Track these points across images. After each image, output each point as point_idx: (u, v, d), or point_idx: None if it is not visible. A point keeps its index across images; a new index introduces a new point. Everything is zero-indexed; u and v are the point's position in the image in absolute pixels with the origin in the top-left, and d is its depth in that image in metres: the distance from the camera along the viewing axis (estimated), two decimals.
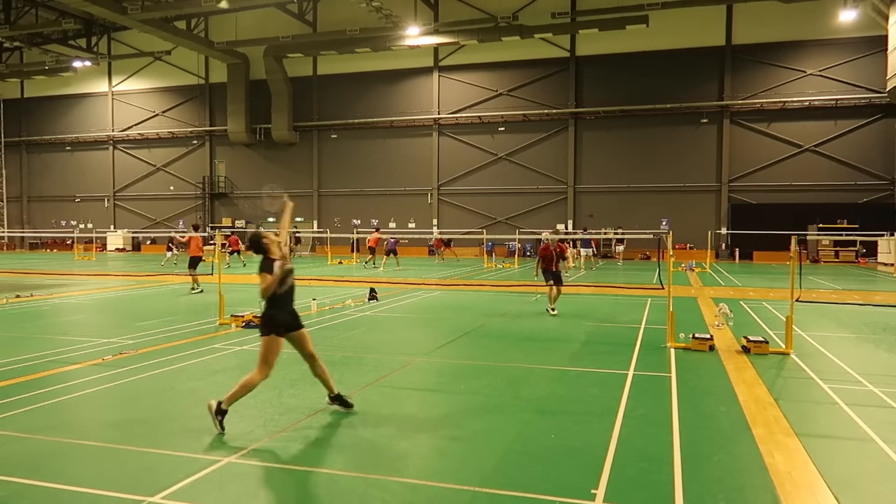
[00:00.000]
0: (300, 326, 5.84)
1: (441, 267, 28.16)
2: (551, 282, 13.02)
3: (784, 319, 9.38)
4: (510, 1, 35.64)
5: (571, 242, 26.73)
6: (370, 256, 28.19)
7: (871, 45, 32.17)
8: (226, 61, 41.39)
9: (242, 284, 19.15)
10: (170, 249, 29.35)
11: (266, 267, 5.54)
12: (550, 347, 9.62)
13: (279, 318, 5.65)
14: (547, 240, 13.59)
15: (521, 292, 17.19)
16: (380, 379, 7.51)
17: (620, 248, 34.13)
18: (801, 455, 5.04)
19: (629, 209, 36.22)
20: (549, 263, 13.07)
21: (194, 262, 17.21)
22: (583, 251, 27.45)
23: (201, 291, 16.68)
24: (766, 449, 5.16)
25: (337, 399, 6.10)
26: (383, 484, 4.45)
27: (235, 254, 28.74)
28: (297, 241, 40.15)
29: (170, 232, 44.17)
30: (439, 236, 34.41)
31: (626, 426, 5.73)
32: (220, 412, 5.49)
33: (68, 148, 47.94)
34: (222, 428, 5.45)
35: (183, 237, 22.90)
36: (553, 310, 12.89)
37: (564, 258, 13.50)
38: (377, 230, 30.19)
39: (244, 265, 26.83)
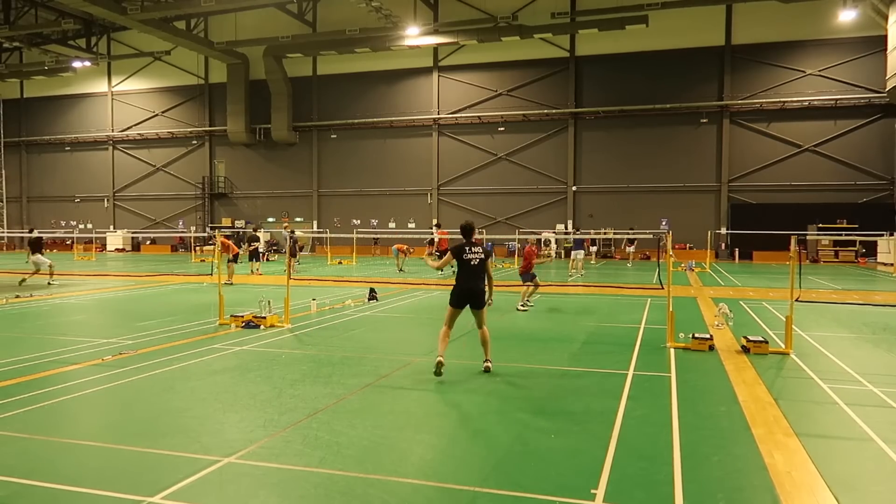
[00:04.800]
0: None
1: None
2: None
3: (784, 319, 9.39)
4: (510, 1, 35.64)
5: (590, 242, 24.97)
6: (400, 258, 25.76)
7: (871, 45, 32.18)
8: (225, 61, 41.40)
9: (263, 285, 19.16)
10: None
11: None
12: (550, 347, 9.62)
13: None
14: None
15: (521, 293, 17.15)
16: (380, 379, 7.50)
17: (631, 248, 31.38)
18: (800, 455, 5.04)
19: (629, 209, 36.22)
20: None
21: (251, 257, 23.51)
22: (574, 253, 23.15)
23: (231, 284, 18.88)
24: (765, 449, 5.16)
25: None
26: (383, 484, 4.45)
27: (233, 260, 20.44)
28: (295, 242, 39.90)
29: (170, 233, 44.38)
30: (477, 236, 32.63)
31: (626, 426, 5.73)
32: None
33: (68, 148, 47.94)
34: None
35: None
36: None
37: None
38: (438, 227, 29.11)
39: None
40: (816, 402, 6.65)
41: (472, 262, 7.67)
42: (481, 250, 7.77)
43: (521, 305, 13.88)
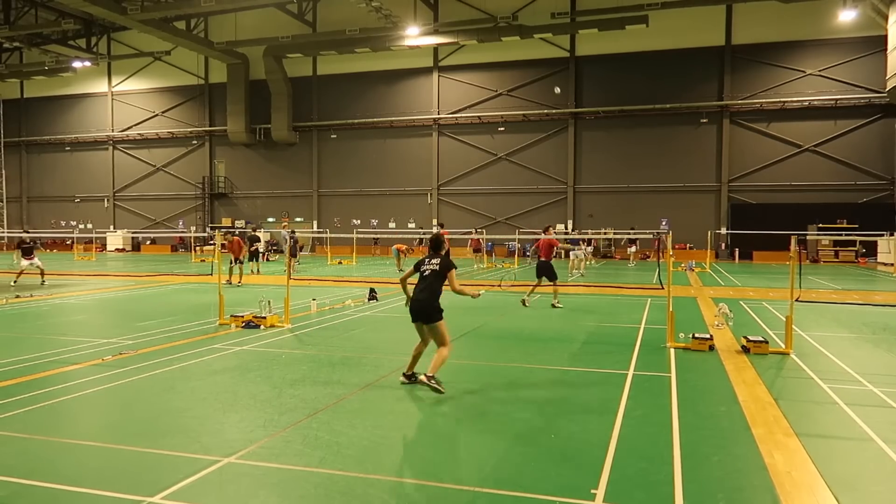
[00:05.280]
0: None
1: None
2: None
3: (784, 319, 9.39)
4: (510, 1, 35.65)
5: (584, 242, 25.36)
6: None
7: (871, 45, 32.18)
8: (225, 61, 41.40)
9: (271, 286, 19.15)
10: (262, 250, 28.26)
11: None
12: (550, 347, 9.62)
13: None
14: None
15: (521, 292, 17.15)
16: (380, 379, 7.51)
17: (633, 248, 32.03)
18: (800, 455, 5.04)
19: (629, 209, 36.23)
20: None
21: (251, 257, 23.89)
22: (574, 254, 24.07)
23: (229, 284, 18.55)
24: (765, 449, 5.16)
25: (410, 378, 7.18)
26: (383, 484, 4.45)
27: (237, 262, 19.73)
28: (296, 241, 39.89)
29: (170, 233, 44.38)
30: (477, 235, 29.00)
31: (626, 426, 5.73)
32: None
33: (68, 148, 47.95)
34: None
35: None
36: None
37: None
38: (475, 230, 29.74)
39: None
40: (816, 402, 6.65)
41: (423, 274, 7.37)
42: (438, 262, 7.31)
43: (557, 303, 14.20)
